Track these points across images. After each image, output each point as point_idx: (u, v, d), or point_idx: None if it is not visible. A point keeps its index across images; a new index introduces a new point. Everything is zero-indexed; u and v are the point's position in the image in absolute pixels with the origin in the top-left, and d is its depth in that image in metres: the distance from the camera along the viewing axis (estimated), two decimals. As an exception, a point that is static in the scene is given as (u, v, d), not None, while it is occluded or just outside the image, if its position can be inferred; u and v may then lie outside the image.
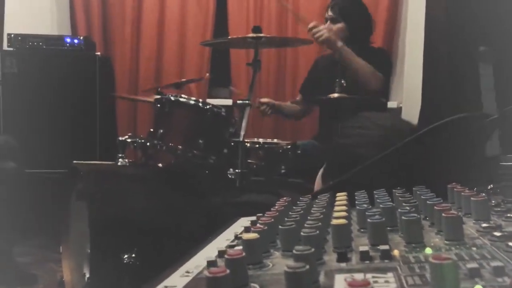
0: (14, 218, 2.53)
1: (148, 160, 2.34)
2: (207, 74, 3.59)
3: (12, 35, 3.34)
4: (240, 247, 0.53)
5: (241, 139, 1.80)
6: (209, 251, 0.61)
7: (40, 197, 3.22)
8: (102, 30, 3.87)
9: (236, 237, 0.62)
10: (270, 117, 3.47)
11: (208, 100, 2.71)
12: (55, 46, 3.36)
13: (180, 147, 2.04)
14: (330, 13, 2.69)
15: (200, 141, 2.00)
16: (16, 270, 2.53)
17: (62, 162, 3.12)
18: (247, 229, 0.64)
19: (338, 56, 2.40)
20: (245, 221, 0.73)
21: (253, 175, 1.92)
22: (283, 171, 2.07)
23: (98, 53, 3.43)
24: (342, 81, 2.04)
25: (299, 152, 2.11)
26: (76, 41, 3.40)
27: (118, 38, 3.84)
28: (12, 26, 3.49)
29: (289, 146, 2.08)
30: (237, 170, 1.81)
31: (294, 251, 0.45)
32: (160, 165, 2.42)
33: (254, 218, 0.71)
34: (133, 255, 1.86)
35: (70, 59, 3.35)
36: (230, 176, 1.84)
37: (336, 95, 2.04)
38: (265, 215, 0.65)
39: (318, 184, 1.20)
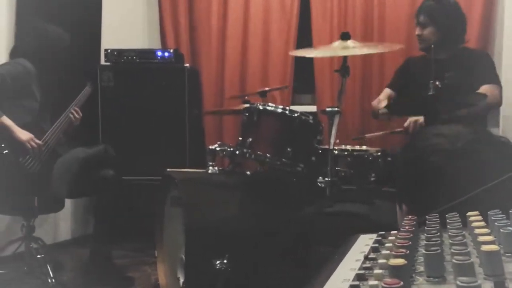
0: (113, 223, 2.69)
1: (235, 167, 2.40)
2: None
3: (109, 51, 3.57)
4: (380, 271, 0.52)
5: (331, 146, 1.79)
6: (342, 274, 0.59)
7: (136, 203, 3.41)
8: (189, 42, 4.03)
9: (367, 258, 0.60)
10: (356, 123, 3.42)
11: (294, 107, 2.71)
12: (147, 59, 3.55)
13: (269, 155, 2.06)
14: (420, 17, 2.61)
15: (289, 149, 2.01)
16: (115, 273, 2.68)
17: (156, 170, 3.29)
18: (374, 249, 0.62)
19: None
20: (366, 239, 0.71)
21: (342, 183, 1.89)
22: (373, 179, 2.02)
23: (187, 65, 3.57)
24: (437, 83, 1.94)
25: (389, 159, 2.05)
26: (166, 54, 3.56)
27: (204, 49, 3.97)
28: (108, 42, 3.73)
29: (379, 153, 2.03)
30: (326, 179, 1.80)
31: (459, 283, 0.46)
32: (248, 172, 2.47)
33: (373, 235, 0.69)
34: (225, 261, 1.91)
35: (161, 71, 3.52)
36: (320, 185, 1.82)
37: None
38: (399, 235, 0.62)
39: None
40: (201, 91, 3.95)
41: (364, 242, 0.69)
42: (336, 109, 1.85)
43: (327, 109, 1.88)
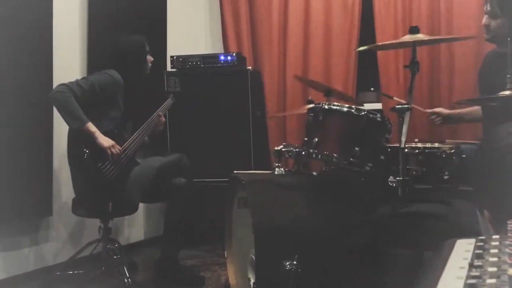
0: (183, 225, 2.76)
1: (300, 168, 2.39)
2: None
3: (174, 57, 3.68)
4: (493, 281, 0.50)
5: (402, 145, 1.73)
6: (449, 283, 0.56)
7: (205, 205, 3.49)
8: (251, 45, 4.07)
9: (472, 265, 0.57)
10: (424, 120, 3.30)
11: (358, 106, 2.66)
12: (211, 64, 3.63)
13: (336, 155, 2.03)
14: (489, 6, 2.47)
15: (356, 148, 1.97)
16: (186, 273, 2.75)
17: (222, 172, 3.35)
18: (478, 256, 0.60)
19: None
20: (465, 245, 0.67)
21: (414, 182, 1.82)
22: (446, 177, 1.93)
23: (249, 68, 3.61)
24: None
25: (464, 156, 1.96)
26: (229, 57, 3.62)
27: (265, 51, 4.00)
28: (173, 49, 3.86)
29: (452, 150, 1.94)
30: (398, 178, 1.75)
31: None
32: (314, 173, 2.45)
33: (471, 240, 0.66)
34: (295, 262, 1.90)
35: (224, 75, 3.58)
36: (391, 184, 1.78)
37: (507, 92, 1.84)
38: (508, 241, 0.59)
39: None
40: (263, 93, 3.98)
41: (464, 248, 0.66)
42: (407, 105, 1.80)
43: (397, 106, 1.83)
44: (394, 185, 1.76)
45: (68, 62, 3.04)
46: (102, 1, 3.26)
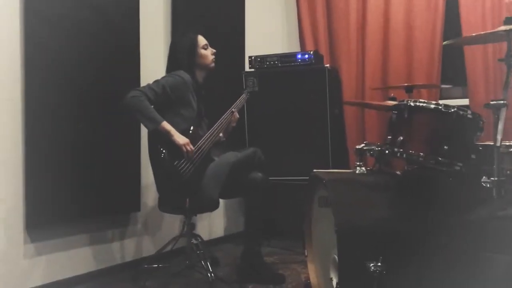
0: (262, 222, 2.79)
1: (382, 167, 2.32)
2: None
3: (253, 57, 3.74)
4: None
5: (497, 143, 1.64)
6: None
7: (283, 203, 3.51)
8: (328, 43, 4.03)
9: None
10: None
11: (443, 102, 2.55)
12: (289, 62, 3.64)
13: (422, 154, 1.96)
14: None
15: (445, 147, 1.89)
16: (266, 270, 2.78)
17: (300, 171, 3.35)
18: None
19: None
20: None
21: (510, 183, 1.71)
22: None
23: (327, 65, 3.58)
24: None
25: None
26: (306, 56, 3.61)
27: (343, 48, 3.94)
28: (251, 49, 3.91)
29: (552, 149, 1.80)
30: (492, 178, 1.65)
31: None
32: (398, 172, 2.38)
33: None
34: (379, 264, 1.86)
35: (302, 73, 3.58)
36: (485, 185, 1.68)
37: None
38: None
39: None
40: (341, 91, 3.92)
41: None
42: (502, 101, 1.69)
43: (492, 102, 1.73)
44: (488, 185, 1.67)
45: (154, 65, 3.18)
46: (184, 4, 3.38)
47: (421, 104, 2.01)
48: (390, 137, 2.12)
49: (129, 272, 2.90)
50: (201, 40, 2.83)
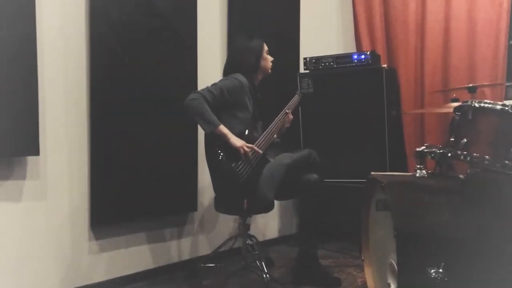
0: (317, 224, 2.76)
1: (443, 170, 2.25)
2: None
3: (307, 59, 3.73)
4: None
5: None
6: None
7: (338, 205, 3.47)
8: (385, 43, 3.95)
9: None
10: None
11: (510, 102, 2.43)
12: (345, 63, 3.60)
13: (487, 157, 1.87)
14: None
15: (512, 150, 1.80)
16: (322, 272, 2.75)
17: (356, 173, 3.30)
18: None
19: None
20: None
21: None
22: None
23: (384, 65, 3.50)
24: None
25: None
26: (362, 56, 3.55)
27: (401, 48, 3.85)
28: (306, 51, 3.90)
29: None
30: None
31: None
32: (461, 176, 2.29)
33: None
34: (441, 270, 1.80)
35: (358, 74, 3.52)
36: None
37: None
38: None
39: None
40: (399, 91, 3.83)
41: None
42: None
43: None
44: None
45: (210, 67, 3.24)
46: (240, 7, 3.42)
47: (486, 105, 1.93)
48: (452, 139, 2.04)
49: (185, 271, 2.96)
50: (265, 46, 2.88)
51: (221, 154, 2.58)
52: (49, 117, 2.46)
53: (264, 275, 2.60)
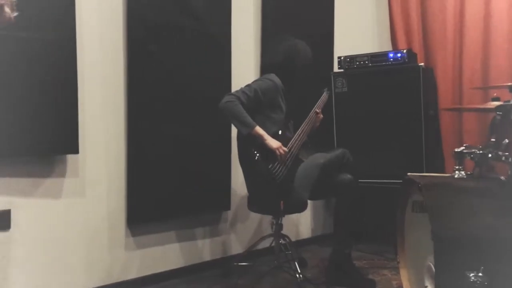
0: (351, 225, 2.74)
1: (483, 172, 2.18)
2: None
3: (342, 58, 3.69)
4: None
5: None
6: None
7: (372, 206, 3.43)
8: (422, 41, 3.87)
9: None
10: None
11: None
12: (380, 62, 3.55)
13: (531, 158, 1.81)
14: None
15: (558, 151, 1.73)
16: (356, 274, 2.72)
17: (391, 173, 3.26)
18: None
19: None
20: None
21: None
22: None
23: (421, 64, 3.43)
24: None
25: None
26: (399, 55, 3.49)
27: (439, 46, 3.76)
28: (339, 50, 3.86)
29: None
30: None
31: None
32: (502, 177, 2.22)
33: None
34: (480, 274, 1.75)
35: (394, 73, 3.47)
36: None
37: None
38: None
39: None
40: (436, 90, 3.75)
41: None
42: None
43: None
44: None
45: (244, 68, 3.26)
46: (273, 6, 3.42)
47: (530, 105, 1.87)
48: (493, 140, 1.99)
49: (218, 269, 2.98)
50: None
51: (257, 155, 2.58)
52: (88, 117, 2.53)
53: (297, 275, 2.59)
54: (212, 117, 2.90)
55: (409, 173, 2.26)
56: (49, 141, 2.33)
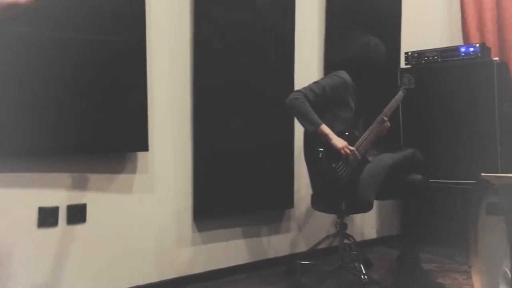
0: (421, 227, 2.64)
1: None
2: None
3: (409, 53, 3.57)
4: None
5: None
6: None
7: (443, 207, 3.30)
8: (497, 35, 3.67)
9: None
10: None
11: None
12: (450, 57, 3.40)
13: None
14: None
15: None
16: (424, 277, 2.63)
17: (463, 174, 3.12)
18: None
19: None
20: None
21: None
22: None
23: (496, 59, 3.26)
24: None
25: None
26: (471, 49, 3.33)
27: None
28: (407, 45, 3.74)
29: None
30: None
31: None
32: None
33: None
34: None
35: (466, 68, 3.31)
36: None
37: None
38: None
39: None
40: (511, 86, 3.54)
41: None
42: None
43: None
44: None
45: (307, 67, 3.24)
46: (338, 2, 3.37)
47: None
48: None
49: (281, 267, 2.99)
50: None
51: (322, 153, 2.55)
52: (156, 116, 2.61)
53: (362, 276, 2.54)
54: (276, 115, 2.90)
55: (483, 174, 2.16)
56: (121, 139, 2.43)
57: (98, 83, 2.34)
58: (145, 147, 2.53)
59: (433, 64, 3.46)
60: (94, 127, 2.33)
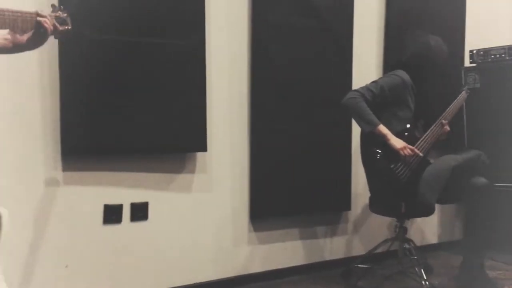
0: (484, 233, 2.53)
1: None
2: None
3: (474, 51, 3.43)
4: None
5: None
6: None
7: (505, 212, 3.14)
8: None
9: None
10: None
11: None
12: (519, 55, 3.23)
13: None
14: None
15: None
16: (488, 284, 2.52)
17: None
18: None
19: None
20: None
21: None
22: None
23: None
24: None
25: None
26: (542, 46, 3.15)
27: None
28: (471, 43, 3.59)
29: None
30: None
31: None
32: None
33: None
34: None
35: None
36: None
37: None
38: None
39: None
40: None
41: None
42: None
43: None
44: None
45: (365, 69, 3.18)
46: (398, 1, 3.29)
47: None
48: None
49: (338, 269, 2.95)
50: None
51: (379, 154, 2.50)
52: (215, 117, 2.67)
53: (423, 282, 2.46)
54: (333, 116, 2.88)
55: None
56: (181, 139, 2.50)
57: (162, 85, 2.42)
58: (204, 148, 2.58)
59: (500, 62, 3.31)
60: (156, 128, 2.41)
